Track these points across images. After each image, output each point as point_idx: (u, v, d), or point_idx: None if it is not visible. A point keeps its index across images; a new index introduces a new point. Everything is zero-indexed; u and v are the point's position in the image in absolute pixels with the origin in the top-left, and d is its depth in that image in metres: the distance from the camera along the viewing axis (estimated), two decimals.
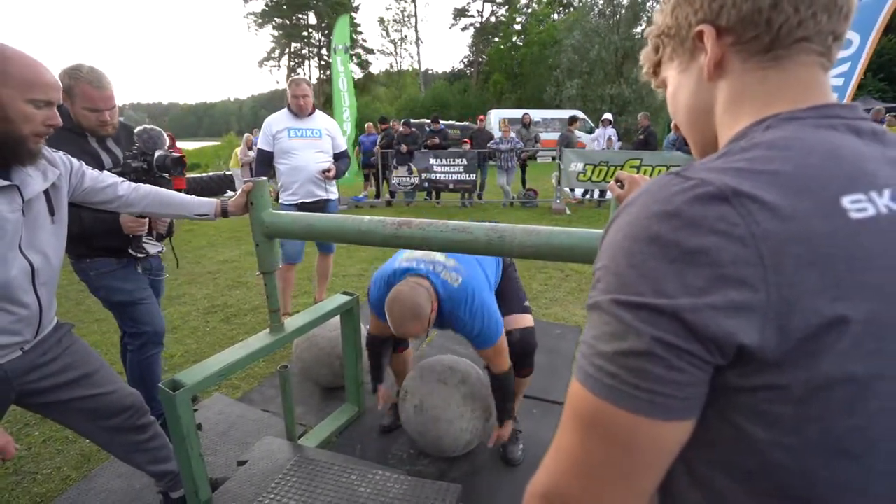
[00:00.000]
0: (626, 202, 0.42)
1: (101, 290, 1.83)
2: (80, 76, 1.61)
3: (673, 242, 0.36)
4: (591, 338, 0.40)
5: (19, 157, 1.09)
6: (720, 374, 0.37)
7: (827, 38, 0.44)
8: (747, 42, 0.45)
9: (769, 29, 0.44)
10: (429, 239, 1.31)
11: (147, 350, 1.95)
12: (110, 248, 1.79)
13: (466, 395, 1.82)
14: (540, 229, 1.23)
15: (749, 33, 0.45)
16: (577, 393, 0.40)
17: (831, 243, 0.34)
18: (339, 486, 1.52)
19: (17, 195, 1.11)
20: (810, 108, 0.42)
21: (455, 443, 1.82)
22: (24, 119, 1.05)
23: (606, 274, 0.40)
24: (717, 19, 0.46)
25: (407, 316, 1.46)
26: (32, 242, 1.16)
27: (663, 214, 0.37)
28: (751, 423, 0.37)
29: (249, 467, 1.70)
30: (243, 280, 4.41)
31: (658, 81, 0.58)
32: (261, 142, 3.10)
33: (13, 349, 1.19)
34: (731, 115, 0.48)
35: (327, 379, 2.39)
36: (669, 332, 0.35)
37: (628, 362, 0.36)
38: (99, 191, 1.36)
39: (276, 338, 1.69)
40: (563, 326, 3.25)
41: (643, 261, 0.37)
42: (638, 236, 0.38)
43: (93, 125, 1.69)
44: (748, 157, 0.39)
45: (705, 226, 0.35)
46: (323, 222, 1.49)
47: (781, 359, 0.34)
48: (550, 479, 0.42)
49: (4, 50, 1.04)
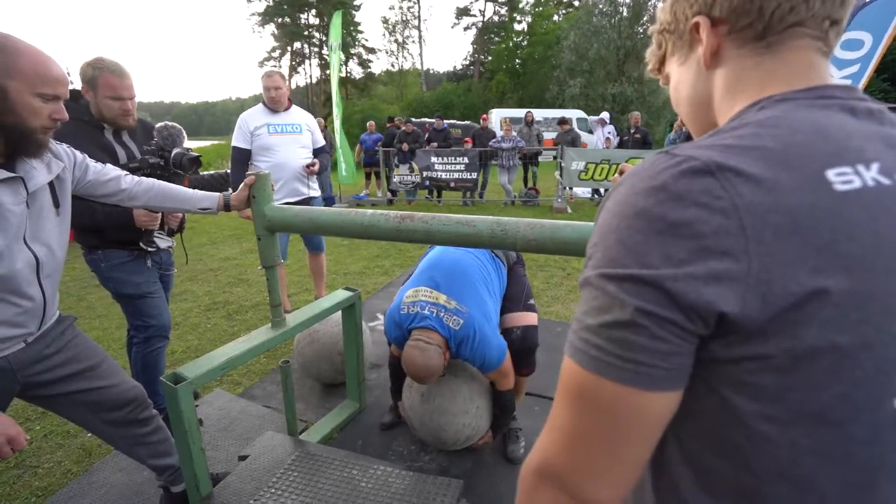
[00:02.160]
0: (616, 182, 0.44)
1: (111, 281, 1.83)
2: (103, 66, 1.67)
3: (658, 216, 0.37)
4: (580, 313, 0.41)
5: (26, 149, 1.09)
6: (705, 346, 0.38)
7: (822, 23, 0.45)
8: (741, 30, 0.47)
9: (761, 16, 0.45)
10: (432, 233, 1.31)
11: (152, 344, 1.95)
12: (122, 240, 1.80)
13: (475, 392, 1.82)
14: (544, 222, 1.23)
15: (742, 21, 0.46)
16: (567, 367, 0.42)
17: (813, 214, 0.35)
18: (340, 481, 1.52)
19: (21, 187, 1.10)
20: (804, 90, 0.43)
21: (455, 437, 1.81)
22: (31, 112, 1.05)
23: (596, 251, 0.41)
24: (711, 10, 0.48)
25: (423, 377, 1.62)
26: (37, 235, 1.16)
27: (650, 189, 0.38)
28: (736, 394, 0.37)
29: (250, 462, 1.69)
30: (244, 277, 4.42)
31: (663, 78, 0.60)
32: (236, 139, 2.92)
33: (17, 341, 1.19)
34: (728, 101, 0.49)
35: (328, 375, 2.39)
36: (651, 301, 0.36)
37: (613, 333, 0.37)
38: (102, 184, 1.36)
39: (277, 332, 1.69)
40: (564, 324, 3.24)
41: (630, 235, 0.38)
42: (625, 212, 0.39)
43: (116, 114, 1.72)
44: (737, 135, 0.40)
45: (689, 198, 0.36)
46: (325, 216, 1.49)
47: (764, 328, 0.35)
48: (543, 454, 0.43)
49: (16, 43, 1.04)
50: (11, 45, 1.03)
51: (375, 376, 2.59)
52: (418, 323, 1.67)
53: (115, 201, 1.42)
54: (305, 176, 3.06)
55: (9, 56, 1.02)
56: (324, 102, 29.80)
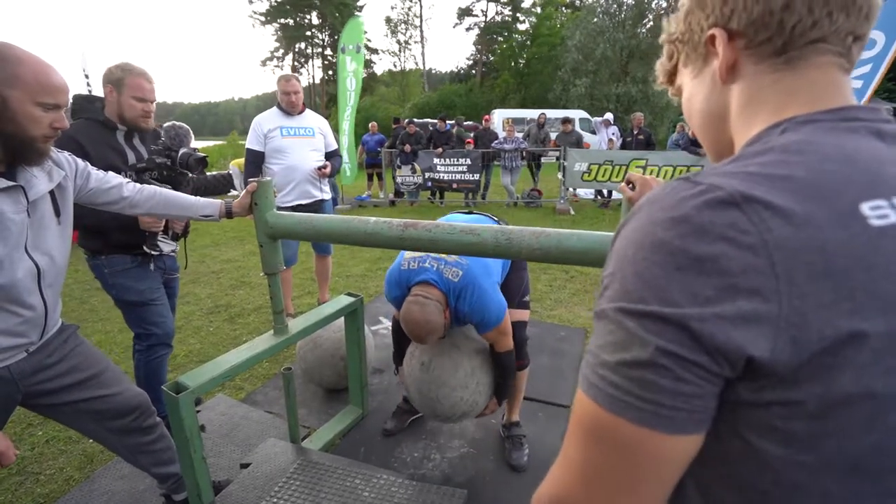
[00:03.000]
0: (634, 208, 0.41)
1: (114, 287, 1.83)
2: (132, 69, 1.74)
3: (680, 249, 0.35)
4: (595, 346, 0.39)
5: (26, 158, 1.08)
6: (731, 388, 0.36)
7: (846, 39, 0.43)
8: (759, 45, 0.44)
9: (781, 31, 0.43)
10: (436, 241, 1.30)
11: (155, 352, 1.94)
12: (126, 244, 1.80)
13: (476, 367, 1.79)
14: (549, 231, 1.21)
15: (761, 36, 0.44)
16: (582, 403, 0.40)
17: (847, 253, 0.33)
18: (342, 490, 1.51)
19: (21, 196, 1.10)
20: (828, 111, 0.41)
21: (451, 410, 1.76)
22: (31, 121, 1.05)
23: (613, 281, 0.39)
24: (729, 23, 0.45)
25: (422, 334, 1.57)
26: (38, 244, 1.15)
27: (671, 221, 0.36)
28: (763, 440, 0.36)
29: (252, 470, 1.68)
30: (247, 280, 4.41)
31: (674, 89, 0.58)
32: (250, 141, 2.97)
33: (18, 351, 1.18)
34: (745, 118, 0.47)
35: (331, 380, 2.38)
36: (674, 341, 0.34)
37: (632, 373, 0.35)
38: (104, 192, 1.35)
39: (280, 339, 1.68)
40: (567, 328, 3.23)
41: (648, 268, 0.36)
42: (644, 243, 0.37)
43: (137, 115, 1.76)
44: (761, 162, 0.38)
45: (714, 232, 0.34)
46: (328, 223, 1.48)
47: (795, 373, 0.33)
48: (556, 489, 0.42)
49: (17, 52, 1.03)
50: (12, 55, 1.03)
51: (378, 381, 2.58)
52: (418, 277, 1.63)
53: (117, 209, 1.41)
54: (317, 179, 3.07)
55: (10, 65, 1.02)
56: (327, 103, 29.84)
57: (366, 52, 31.59)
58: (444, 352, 1.78)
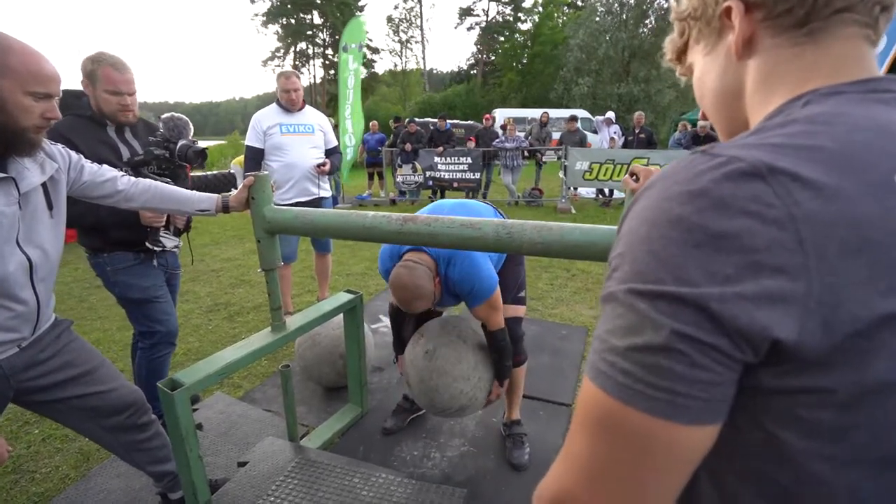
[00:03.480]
0: (645, 185, 0.39)
1: (117, 286, 1.80)
2: (102, 60, 1.65)
3: (698, 225, 0.32)
4: (603, 331, 0.36)
5: (18, 149, 1.06)
6: (751, 374, 0.33)
7: (873, 8, 0.39)
8: (779, 16, 0.41)
9: (803, 1, 0.39)
10: (436, 235, 1.27)
11: (158, 350, 1.92)
12: (127, 240, 1.77)
13: (479, 361, 1.77)
14: (551, 225, 1.19)
15: (780, 7, 0.41)
16: (588, 391, 0.37)
17: (883, 227, 0.30)
18: (341, 489, 1.49)
19: (13, 188, 1.07)
20: (855, 83, 0.38)
21: (448, 403, 1.74)
22: (22, 111, 1.02)
23: (623, 262, 0.36)
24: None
25: (409, 298, 1.51)
26: (30, 237, 1.13)
27: (687, 195, 0.33)
28: (786, 430, 0.33)
29: (250, 469, 1.66)
30: (246, 278, 4.39)
31: (683, 68, 0.55)
32: (250, 138, 2.95)
33: (10, 346, 1.16)
34: (762, 96, 0.44)
35: (330, 378, 2.35)
36: (692, 324, 0.31)
37: (644, 358, 0.33)
38: (98, 185, 1.33)
39: (277, 336, 1.66)
40: (568, 327, 3.20)
41: (664, 246, 0.33)
42: (658, 220, 0.34)
43: (114, 109, 1.69)
44: (785, 133, 0.35)
45: (736, 206, 0.31)
46: (326, 218, 1.45)
47: (826, 358, 0.30)
48: (559, 483, 0.39)
49: (7, 41, 1.01)
50: (2, 43, 1.00)
51: (378, 379, 2.56)
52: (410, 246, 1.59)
53: (112, 203, 1.38)
54: (316, 176, 3.05)
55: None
56: (327, 103, 29.83)
57: (367, 52, 31.39)
58: (450, 342, 1.75)
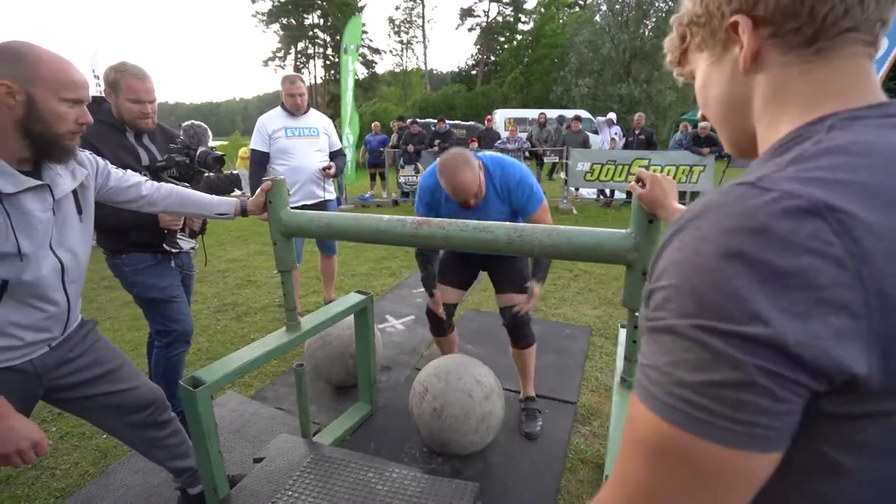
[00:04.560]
0: (687, 216, 0.38)
1: (136, 286, 1.85)
2: (125, 69, 1.72)
3: (762, 261, 0.32)
4: (664, 364, 0.36)
5: (54, 155, 1.10)
6: (813, 400, 0.34)
7: (874, 26, 0.41)
8: (787, 34, 0.42)
9: (812, 20, 0.40)
10: (449, 238, 1.32)
11: (175, 348, 1.97)
12: (145, 242, 1.83)
13: (487, 413, 1.85)
14: (560, 229, 1.24)
15: (789, 25, 0.41)
16: (652, 424, 0.36)
17: None
18: (356, 483, 1.53)
19: (48, 195, 1.12)
20: (871, 107, 0.40)
21: (461, 449, 1.88)
22: (58, 118, 1.07)
23: (678, 294, 0.36)
24: (754, 9, 0.42)
25: (459, 162, 1.65)
26: (62, 241, 1.18)
27: (747, 230, 0.34)
28: (840, 451, 0.35)
29: (266, 464, 1.71)
30: (252, 279, 4.44)
31: (685, 72, 0.55)
32: (255, 142, 2.98)
33: (42, 345, 1.21)
34: (771, 112, 0.45)
35: (340, 377, 2.40)
36: (771, 360, 0.32)
37: (725, 394, 0.33)
38: (123, 190, 1.38)
39: (292, 336, 1.70)
40: (572, 326, 3.25)
41: (727, 280, 0.33)
42: (717, 253, 0.34)
43: (135, 116, 1.76)
44: (827, 166, 0.36)
45: (798, 244, 0.32)
46: (341, 221, 1.50)
47: (885, 387, 0.32)
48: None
49: (35, 51, 1.05)
50: (31, 53, 1.04)
51: (386, 378, 2.61)
52: None
53: (136, 207, 1.43)
54: (322, 179, 3.09)
55: (30, 64, 1.03)
56: (328, 103, 29.88)
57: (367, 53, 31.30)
58: (457, 400, 1.82)
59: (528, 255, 1.28)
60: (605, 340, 3.04)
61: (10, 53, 1.02)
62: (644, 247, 1.17)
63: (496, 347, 2.89)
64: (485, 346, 2.94)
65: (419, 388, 1.92)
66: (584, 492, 1.79)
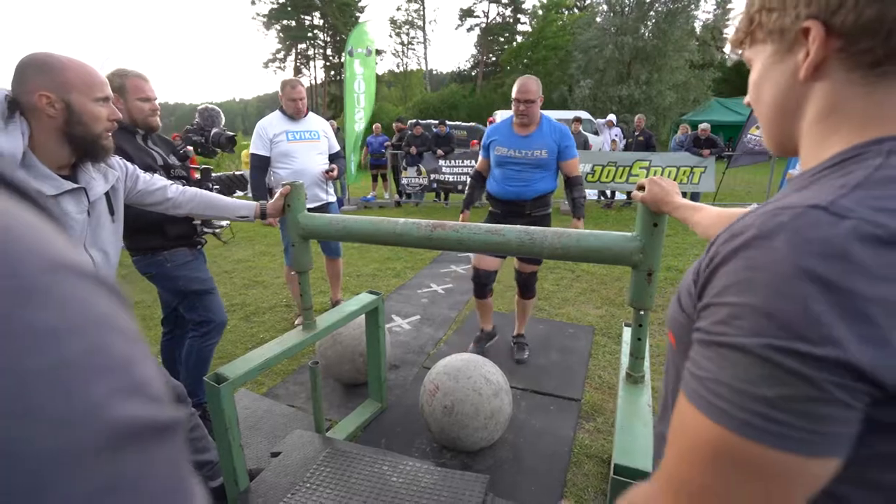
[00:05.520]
0: (750, 233, 0.39)
1: (180, 280, 1.93)
2: (128, 73, 1.80)
3: (841, 287, 0.33)
4: (737, 381, 0.37)
5: (96, 154, 1.17)
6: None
7: None
8: (857, 52, 0.41)
9: (887, 42, 0.39)
10: (463, 240, 1.38)
11: (210, 338, 2.05)
12: (183, 235, 1.92)
13: (495, 410, 1.91)
14: (570, 232, 1.30)
15: (863, 43, 0.40)
16: (723, 437, 0.37)
17: None
18: (371, 476, 1.60)
19: (83, 197, 1.19)
20: None
21: (470, 445, 1.94)
22: (94, 119, 1.13)
23: (751, 313, 0.36)
24: (832, 18, 0.41)
25: (526, 80, 2.37)
26: (95, 241, 1.24)
27: (826, 256, 0.34)
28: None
29: (283, 458, 1.77)
30: (259, 279, 4.50)
31: (744, 56, 0.53)
32: (256, 146, 2.96)
33: None
34: (823, 127, 0.45)
35: (350, 375, 2.47)
36: (847, 377, 0.33)
37: (802, 407, 0.34)
38: (150, 193, 1.44)
39: (309, 334, 1.77)
40: (575, 326, 3.31)
41: (807, 303, 0.34)
42: (794, 275, 0.35)
43: (146, 115, 1.84)
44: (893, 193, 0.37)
45: (879, 273, 0.33)
46: (358, 224, 1.56)
47: None
48: None
49: (59, 58, 1.11)
50: (56, 61, 1.10)
51: (394, 377, 2.67)
52: None
53: (161, 209, 1.50)
54: (324, 181, 3.14)
55: (59, 72, 1.09)
56: (328, 104, 29.93)
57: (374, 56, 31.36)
58: (467, 398, 1.89)
59: (539, 257, 1.35)
60: (608, 339, 3.10)
61: (38, 65, 1.08)
62: (649, 249, 1.23)
63: (499, 348, 2.95)
64: (488, 346, 3.00)
65: (430, 386, 1.98)
66: (589, 485, 1.86)
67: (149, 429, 0.18)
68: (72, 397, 0.15)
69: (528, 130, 2.44)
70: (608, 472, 1.89)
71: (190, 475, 0.20)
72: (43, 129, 1.08)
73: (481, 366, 2.00)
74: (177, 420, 0.19)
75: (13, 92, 1.06)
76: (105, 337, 0.17)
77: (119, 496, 0.16)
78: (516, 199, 2.50)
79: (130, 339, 0.19)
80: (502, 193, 2.54)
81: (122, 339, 0.18)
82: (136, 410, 0.17)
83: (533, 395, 2.46)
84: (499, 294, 4.01)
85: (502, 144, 2.47)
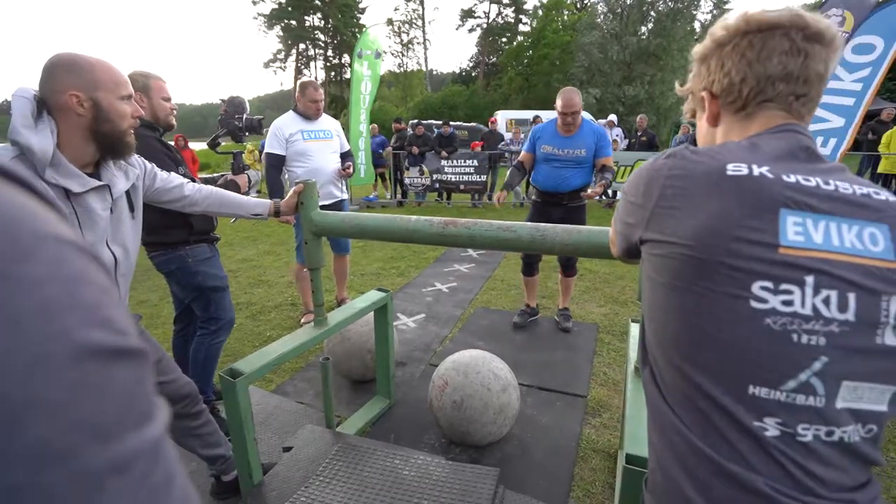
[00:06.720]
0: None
1: (199, 275, 1.96)
2: (150, 74, 1.87)
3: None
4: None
5: (121, 151, 1.20)
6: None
7: (787, 98, 0.66)
8: (729, 104, 0.71)
9: (740, 96, 0.68)
10: (475, 237, 1.41)
11: (219, 336, 2.09)
12: (205, 230, 1.97)
13: (504, 405, 1.94)
14: (580, 228, 1.33)
15: (729, 98, 0.70)
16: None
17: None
18: (383, 469, 1.62)
19: (107, 194, 1.21)
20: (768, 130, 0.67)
21: (479, 439, 1.97)
22: (120, 116, 1.16)
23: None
24: (712, 87, 0.72)
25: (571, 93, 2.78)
26: (116, 237, 1.27)
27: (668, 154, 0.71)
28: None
29: (295, 453, 1.79)
30: (264, 278, 4.52)
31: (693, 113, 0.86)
32: (271, 146, 3.00)
33: None
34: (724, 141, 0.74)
35: (358, 372, 2.49)
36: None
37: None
38: (167, 191, 1.47)
39: (320, 331, 1.79)
40: (580, 324, 3.34)
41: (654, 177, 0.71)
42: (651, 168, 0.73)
43: (167, 113, 1.92)
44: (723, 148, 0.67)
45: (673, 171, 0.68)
46: (371, 221, 1.59)
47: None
48: None
49: (86, 58, 1.14)
50: (83, 61, 1.13)
51: (401, 374, 2.69)
52: None
53: (178, 207, 1.52)
54: (339, 179, 3.20)
55: (87, 72, 1.12)
56: (329, 104, 29.92)
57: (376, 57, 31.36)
58: (476, 393, 1.92)
59: (550, 253, 1.37)
60: (612, 337, 3.13)
61: (67, 65, 1.11)
62: None
63: (507, 344, 2.98)
64: (495, 342, 3.03)
65: (439, 382, 2.01)
66: (596, 479, 1.88)
67: (110, 350, 0.23)
68: (50, 324, 0.21)
69: (571, 132, 2.87)
70: (615, 466, 1.92)
71: (154, 393, 0.25)
72: (71, 128, 1.11)
73: (490, 361, 2.03)
74: (139, 348, 0.24)
75: (41, 92, 1.08)
76: (79, 286, 0.23)
77: (87, 392, 0.21)
78: (554, 190, 2.95)
79: (101, 290, 0.24)
80: (544, 185, 2.99)
81: (94, 289, 0.23)
82: (99, 337, 0.22)
83: (539, 391, 2.48)
84: (502, 293, 4.04)
85: (547, 143, 2.91)
